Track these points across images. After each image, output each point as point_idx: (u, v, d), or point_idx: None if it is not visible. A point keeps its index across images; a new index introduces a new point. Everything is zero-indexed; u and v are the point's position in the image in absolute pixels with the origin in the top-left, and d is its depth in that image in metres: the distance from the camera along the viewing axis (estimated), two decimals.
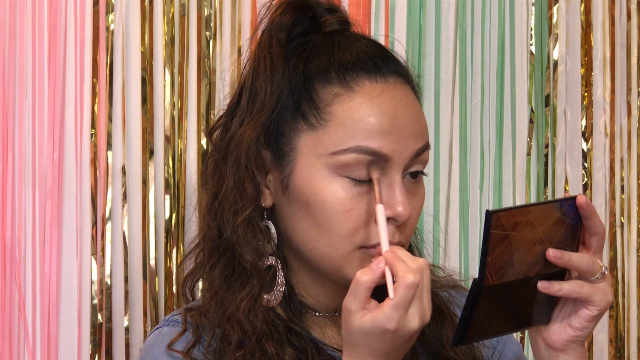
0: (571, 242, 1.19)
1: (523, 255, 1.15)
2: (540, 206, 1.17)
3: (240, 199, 1.29)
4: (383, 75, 1.27)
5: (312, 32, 1.31)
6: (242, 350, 1.25)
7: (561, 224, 1.17)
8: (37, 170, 1.83)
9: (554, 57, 1.97)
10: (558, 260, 1.17)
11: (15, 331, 1.82)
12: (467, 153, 1.95)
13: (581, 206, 1.18)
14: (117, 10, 1.86)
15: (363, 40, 1.31)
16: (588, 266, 1.19)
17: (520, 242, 1.15)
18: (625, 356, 1.98)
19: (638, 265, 1.99)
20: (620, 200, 1.99)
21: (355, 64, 1.27)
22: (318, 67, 1.28)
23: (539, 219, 1.15)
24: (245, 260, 1.28)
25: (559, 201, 1.17)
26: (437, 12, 1.94)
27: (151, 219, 1.86)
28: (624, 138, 1.99)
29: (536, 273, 1.17)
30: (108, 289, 1.84)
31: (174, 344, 1.28)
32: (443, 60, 1.94)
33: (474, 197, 1.96)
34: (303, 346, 1.27)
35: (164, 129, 1.87)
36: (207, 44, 1.88)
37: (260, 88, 1.29)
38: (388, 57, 1.30)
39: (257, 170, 1.28)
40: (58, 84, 1.84)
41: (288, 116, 1.28)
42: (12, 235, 1.82)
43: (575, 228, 1.19)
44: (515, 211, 1.14)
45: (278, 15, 1.31)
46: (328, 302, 1.31)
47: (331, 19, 1.32)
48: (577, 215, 1.19)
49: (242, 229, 1.28)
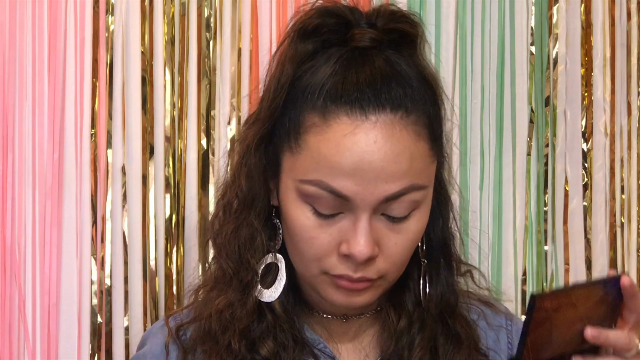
0: (610, 317, 1.19)
1: (562, 334, 1.15)
2: (584, 288, 1.17)
3: (249, 195, 1.29)
4: (364, 111, 1.18)
5: (339, 43, 1.23)
6: (206, 344, 1.27)
7: (602, 302, 1.17)
8: (37, 170, 1.84)
9: (554, 57, 1.97)
10: (596, 340, 1.16)
11: (15, 331, 1.82)
12: (467, 153, 1.95)
13: (625, 287, 1.18)
14: (117, 10, 1.86)
15: (378, 64, 1.22)
16: (625, 345, 1.18)
17: (561, 322, 1.14)
18: None
19: (638, 265, 1.99)
20: (620, 200, 1.99)
21: (342, 94, 1.19)
22: (312, 88, 1.21)
23: (581, 299, 1.15)
24: (237, 256, 1.29)
25: (602, 282, 1.17)
26: (437, 12, 1.94)
27: (151, 219, 1.86)
28: (624, 138, 1.99)
29: (572, 349, 1.17)
30: (108, 289, 1.85)
31: (171, 318, 1.32)
32: (443, 60, 1.94)
33: (474, 197, 1.96)
34: (283, 342, 1.26)
35: (164, 129, 1.87)
36: (207, 44, 1.88)
37: (267, 89, 1.26)
38: (385, 89, 1.20)
39: (263, 170, 1.28)
40: (58, 84, 1.84)
41: (281, 127, 1.24)
42: (12, 235, 1.82)
43: (615, 304, 1.19)
44: (560, 294, 1.14)
45: (306, 19, 1.24)
46: (332, 307, 1.30)
47: (363, 33, 1.23)
48: (619, 293, 1.18)
49: (245, 227, 1.29)
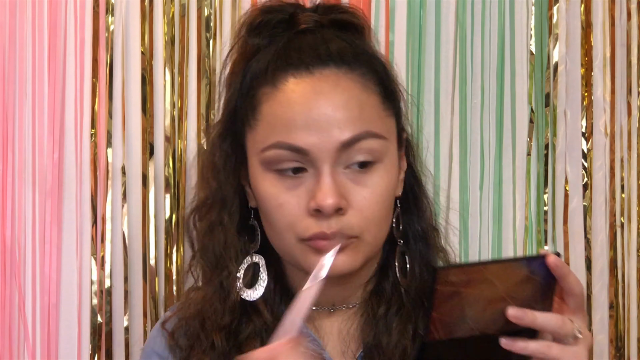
0: (543, 300, 1.14)
1: (479, 312, 1.11)
2: (500, 264, 1.13)
3: (222, 200, 1.32)
4: (307, 69, 1.25)
5: (287, 30, 1.30)
6: (194, 345, 1.30)
7: (529, 282, 1.12)
8: (37, 170, 1.84)
9: (554, 57, 1.97)
10: (519, 320, 1.11)
11: (15, 331, 1.82)
12: (467, 153, 1.95)
13: (552, 268, 1.12)
14: (117, 10, 1.86)
15: (321, 35, 1.29)
16: (556, 327, 1.12)
17: (475, 299, 1.11)
18: (625, 356, 1.98)
19: (638, 265, 1.99)
20: (620, 200, 1.98)
21: (286, 61, 1.26)
22: (260, 68, 1.28)
23: (499, 276, 1.11)
24: (212, 256, 1.33)
25: (526, 259, 1.13)
26: (437, 12, 1.94)
27: (151, 219, 1.86)
28: (624, 138, 1.99)
29: (499, 329, 1.12)
30: (108, 289, 1.85)
31: (166, 323, 1.35)
32: (443, 60, 1.94)
33: (474, 197, 1.96)
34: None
35: (164, 129, 1.87)
36: (207, 44, 1.88)
37: (225, 90, 1.33)
38: (327, 49, 1.27)
39: (232, 169, 1.31)
40: (58, 84, 1.84)
41: (240, 115, 1.30)
42: (12, 235, 1.82)
43: (547, 287, 1.14)
44: (468, 269, 1.11)
45: (253, 16, 1.32)
46: (324, 295, 1.29)
47: (308, 16, 1.31)
48: (550, 273, 1.13)
49: (219, 230, 1.33)
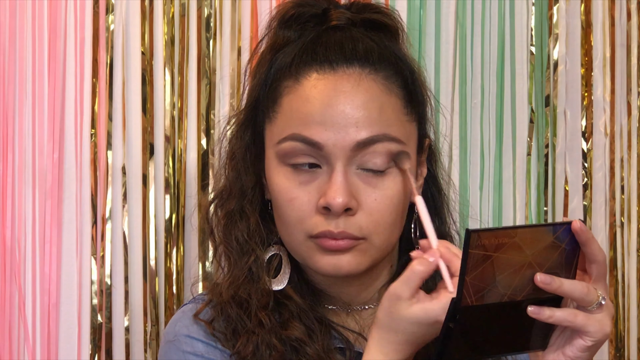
0: (567, 268, 1.14)
1: (508, 278, 1.11)
2: (529, 229, 1.12)
3: (241, 190, 1.31)
4: (331, 66, 1.25)
5: (318, 26, 1.30)
6: (235, 325, 1.27)
7: (554, 248, 1.13)
8: (37, 170, 1.83)
9: (554, 57, 1.97)
10: (547, 286, 1.11)
11: (15, 331, 1.82)
12: (467, 153, 1.95)
13: (576, 232, 1.13)
14: (117, 10, 1.86)
15: (350, 33, 1.28)
16: (582, 294, 1.13)
17: (506, 264, 1.10)
18: (625, 356, 1.98)
19: (638, 265, 1.99)
20: (620, 200, 1.98)
21: (311, 56, 1.26)
22: (286, 61, 1.28)
23: (528, 242, 1.11)
24: (236, 244, 1.31)
25: (552, 225, 1.13)
26: (437, 12, 1.94)
27: (151, 219, 1.86)
28: (624, 138, 1.99)
29: (525, 297, 1.13)
30: (108, 289, 1.84)
31: (199, 314, 1.30)
32: (443, 60, 1.94)
33: (474, 197, 1.96)
34: (310, 325, 1.27)
35: (164, 129, 1.87)
36: (207, 44, 1.88)
37: (249, 82, 1.32)
38: (353, 48, 1.27)
39: (252, 161, 1.31)
40: (58, 84, 1.84)
41: (262, 107, 1.30)
42: (12, 235, 1.82)
43: (572, 254, 1.14)
44: (499, 232, 1.10)
45: (286, 8, 1.32)
46: (339, 295, 1.31)
47: (341, 13, 1.30)
48: (575, 241, 1.14)
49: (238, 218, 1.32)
